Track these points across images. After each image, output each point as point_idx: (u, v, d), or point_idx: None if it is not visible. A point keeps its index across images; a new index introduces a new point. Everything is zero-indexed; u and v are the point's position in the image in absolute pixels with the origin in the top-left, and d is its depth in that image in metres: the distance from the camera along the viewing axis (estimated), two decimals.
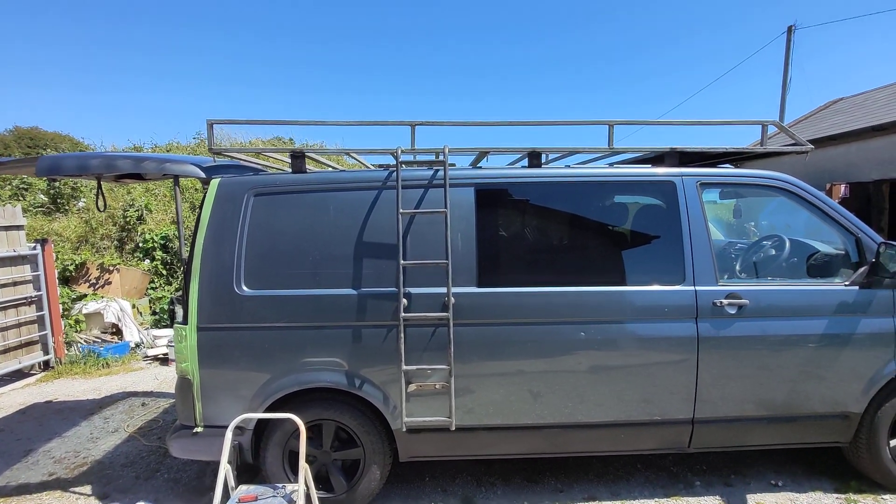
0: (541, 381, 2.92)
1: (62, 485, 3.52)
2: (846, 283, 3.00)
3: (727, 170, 3.21)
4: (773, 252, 3.46)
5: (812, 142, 3.23)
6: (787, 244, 3.41)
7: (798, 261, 3.28)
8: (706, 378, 2.94)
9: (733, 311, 2.93)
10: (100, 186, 3.70)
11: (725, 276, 3.08)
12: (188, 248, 2.97)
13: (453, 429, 2.86)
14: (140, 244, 8.50)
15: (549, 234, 3.20)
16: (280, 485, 2.58)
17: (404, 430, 2.89)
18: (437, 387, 2.86)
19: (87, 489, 3.45)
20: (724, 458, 3.61)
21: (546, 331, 2.90)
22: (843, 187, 8.52)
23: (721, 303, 2.92)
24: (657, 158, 3.45)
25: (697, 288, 2.94)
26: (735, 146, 3.17)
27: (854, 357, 2.95)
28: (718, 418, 3.00)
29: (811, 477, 3.35)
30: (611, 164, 3.80)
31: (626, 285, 2.95)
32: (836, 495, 3.14)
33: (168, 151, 12.39)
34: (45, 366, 6.22)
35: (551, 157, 3.62)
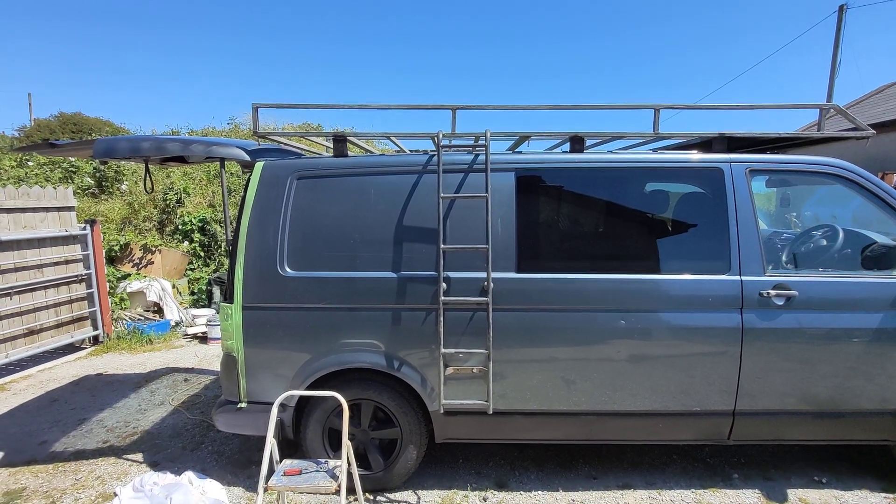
0: (579, 368, 2.91)
1: (116, 452, 3.72)
2: None
3: (779, 156, 3.08)
4: (825, 242, 3.33)
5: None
6: (841, 234, 3.27)
7: (852, 252, 3.15)
8: (749, 370, 2.87)
9: (781, 303, 2.84)
10: (147, 169, 3.82)
11: (771, 267, 2.98)
12: (230, 230, 3.05)
13: (490, 412, 2.89)
14: (179, 226, 8.79)
15: (591, 220, 3.15)
16: (322, 460, 2.66)
17: (441, 412, 2.94)
18: (474, 371, 2.88)
19: (139, 457, 3.64)
20: (763, 452, 3.54)
21: (585, 318, 2.88)
22: None
23: (768, 293, 2.83)
24: (704, 144, 3.34)
25: (743, 278, 2.86)
26: (786, 132, 3.04)
27: None
28: (761, 411, 2.93)
29: (856, 475, 3.25)
30: (655, 150, 3.70)
31: (668, 274, 2.89)
32: (883, 495, 3.04)
33: (205, 135, 12.67)
34: (95, 340, 6.55)
35: (593, 142, 3.55)
